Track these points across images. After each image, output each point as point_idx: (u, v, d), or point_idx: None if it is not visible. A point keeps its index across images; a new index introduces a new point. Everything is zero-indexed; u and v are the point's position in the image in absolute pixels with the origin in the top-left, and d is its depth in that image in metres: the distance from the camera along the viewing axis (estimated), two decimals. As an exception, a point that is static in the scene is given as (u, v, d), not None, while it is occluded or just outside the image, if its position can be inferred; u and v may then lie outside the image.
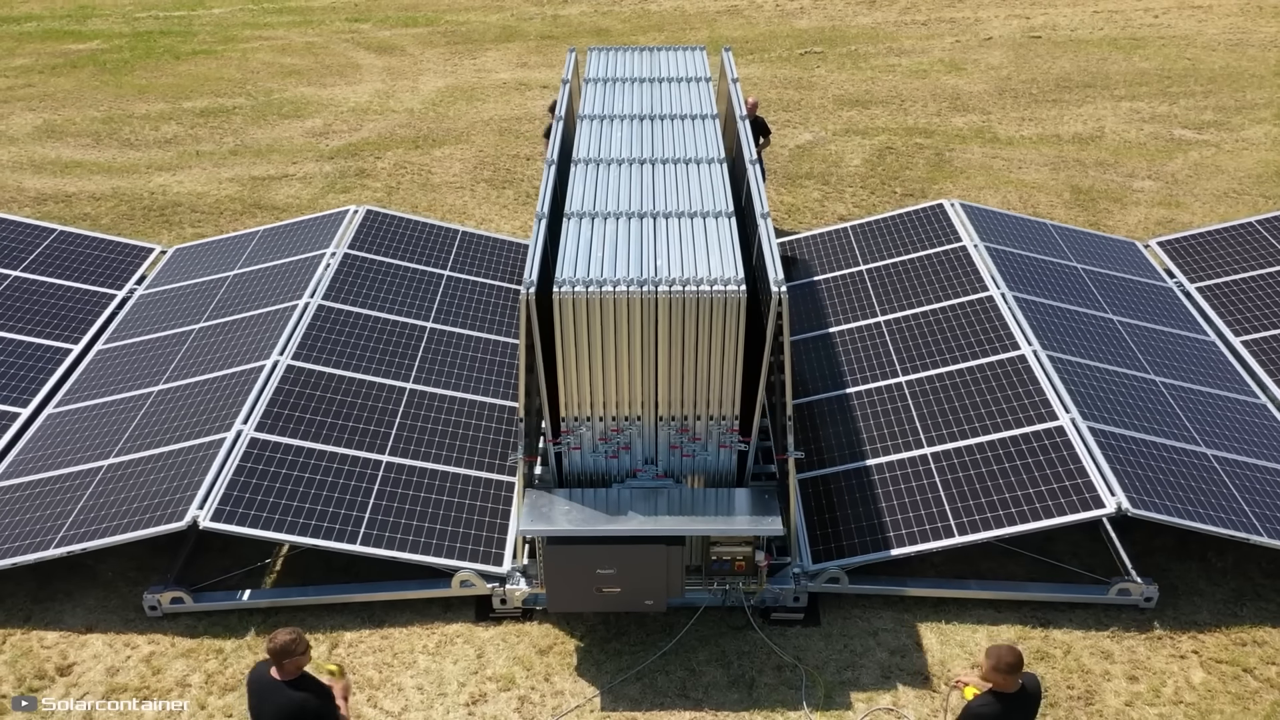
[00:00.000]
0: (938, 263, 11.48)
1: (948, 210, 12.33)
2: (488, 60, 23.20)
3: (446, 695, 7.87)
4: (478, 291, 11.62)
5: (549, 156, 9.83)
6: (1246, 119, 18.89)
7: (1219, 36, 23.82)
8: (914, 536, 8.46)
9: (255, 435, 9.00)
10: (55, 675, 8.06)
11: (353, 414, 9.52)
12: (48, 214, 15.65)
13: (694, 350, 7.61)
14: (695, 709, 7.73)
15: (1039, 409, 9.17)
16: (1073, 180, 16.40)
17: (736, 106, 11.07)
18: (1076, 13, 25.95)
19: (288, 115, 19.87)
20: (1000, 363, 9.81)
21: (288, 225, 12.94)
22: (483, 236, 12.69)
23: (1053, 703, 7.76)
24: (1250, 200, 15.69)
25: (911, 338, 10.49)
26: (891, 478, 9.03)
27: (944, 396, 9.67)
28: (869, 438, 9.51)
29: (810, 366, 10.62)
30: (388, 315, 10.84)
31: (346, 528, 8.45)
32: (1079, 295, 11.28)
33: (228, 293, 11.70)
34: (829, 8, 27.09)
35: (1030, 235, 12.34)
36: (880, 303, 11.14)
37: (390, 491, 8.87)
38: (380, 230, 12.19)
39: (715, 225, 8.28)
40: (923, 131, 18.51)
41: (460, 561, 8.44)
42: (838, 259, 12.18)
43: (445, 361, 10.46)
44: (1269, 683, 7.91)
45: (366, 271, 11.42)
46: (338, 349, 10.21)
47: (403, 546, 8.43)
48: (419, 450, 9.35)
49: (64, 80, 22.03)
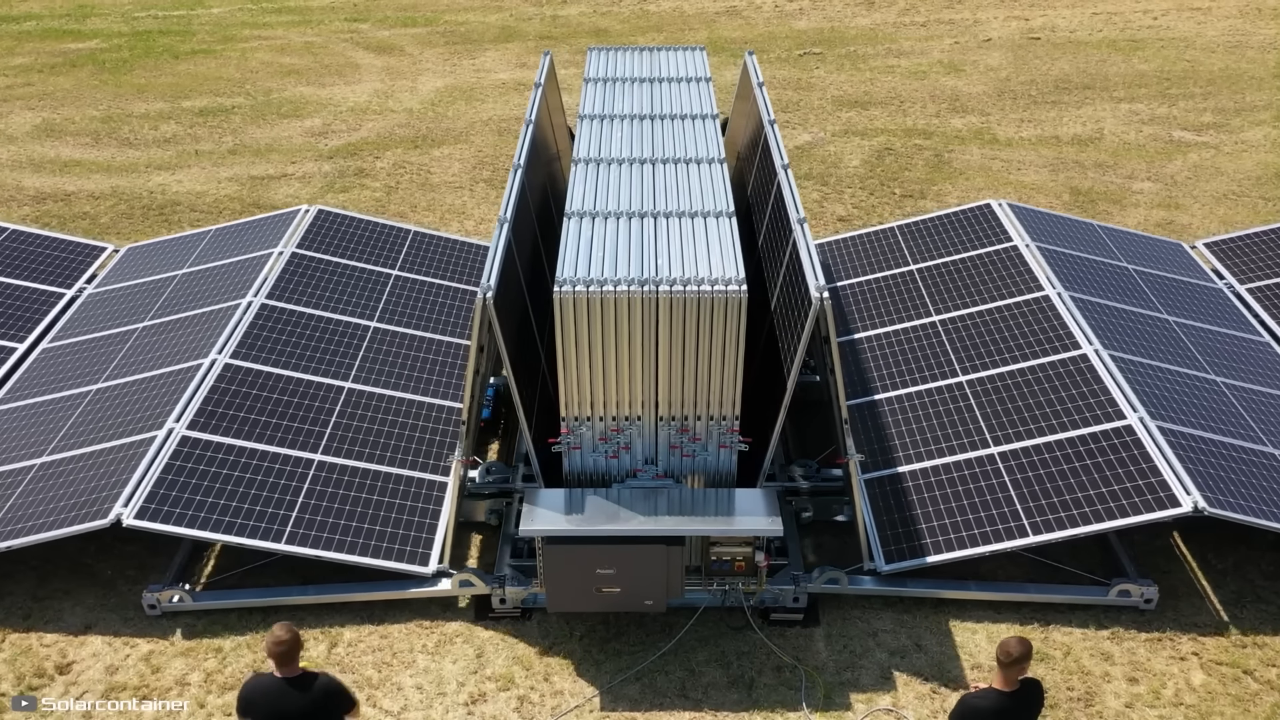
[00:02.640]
0: (989, 262, 11.42)
1: (995, 210, 12.26)
2: (487, 60, 23.20)
3: (446, 695, 7.86)
4: (427, 291, 11.53)
5: (516, 161, 9.83)
6: (1246, 121, 18.90)
7: (1218, 38, 23.84)
8: (987, 536, 8.41)
9: (186, 434, 8.95)
10: (55, 674, 8.05)
11: (288, 413, 9.45)
12: (46, 212, 15.64)
13: (694, 350, 7.60)
14: (695, 709, 7.73)
15: (1105, 408, 9.12)
16: (1072, 182, 16.40)
17: (764, 111, 11.05)
18: (1076, 14, 25.96)
19: (287, 115, 19.86)
20: (1062, 362, 9.75)
21: (239, 225, 12.84)
22: (437, 237, 12.57)
23: (1053, 704, 7.76)
24: (1250, 202, 15.70)
25: (969, 337, 10.44)
26: (960, 477, 8.98)
27: (1006, 396, 9.61)
28: (933, 437, 9.46)
29: (866, 366, 10.56)
30: (331, 314, 10.76)
31: (273, 526, 8.40)
32: (1133, 295, 11.24)
33: (174, 292, 11.62)
34: (828, 9, 27.10)
35: (1079, 235, 12.28)
36: (934, 302, 11.08)
37: (320, 491, 8.81)
38: (331, 230, 12.11)
39: (715, 225, 8.27)
40: (922, 133, 18.52)
41: (385, 561, 8.38)
42: (886, 259, 12.09)
43: (387, 361, 10.39)
44: (1269, 685, 7.91)
45: (313, 271, 11.34)
46: (278, 348, 10.14)
47: (328, 545, 8.38)
48: (353, 450, 9.29)
49: (63, 79, 22.02)
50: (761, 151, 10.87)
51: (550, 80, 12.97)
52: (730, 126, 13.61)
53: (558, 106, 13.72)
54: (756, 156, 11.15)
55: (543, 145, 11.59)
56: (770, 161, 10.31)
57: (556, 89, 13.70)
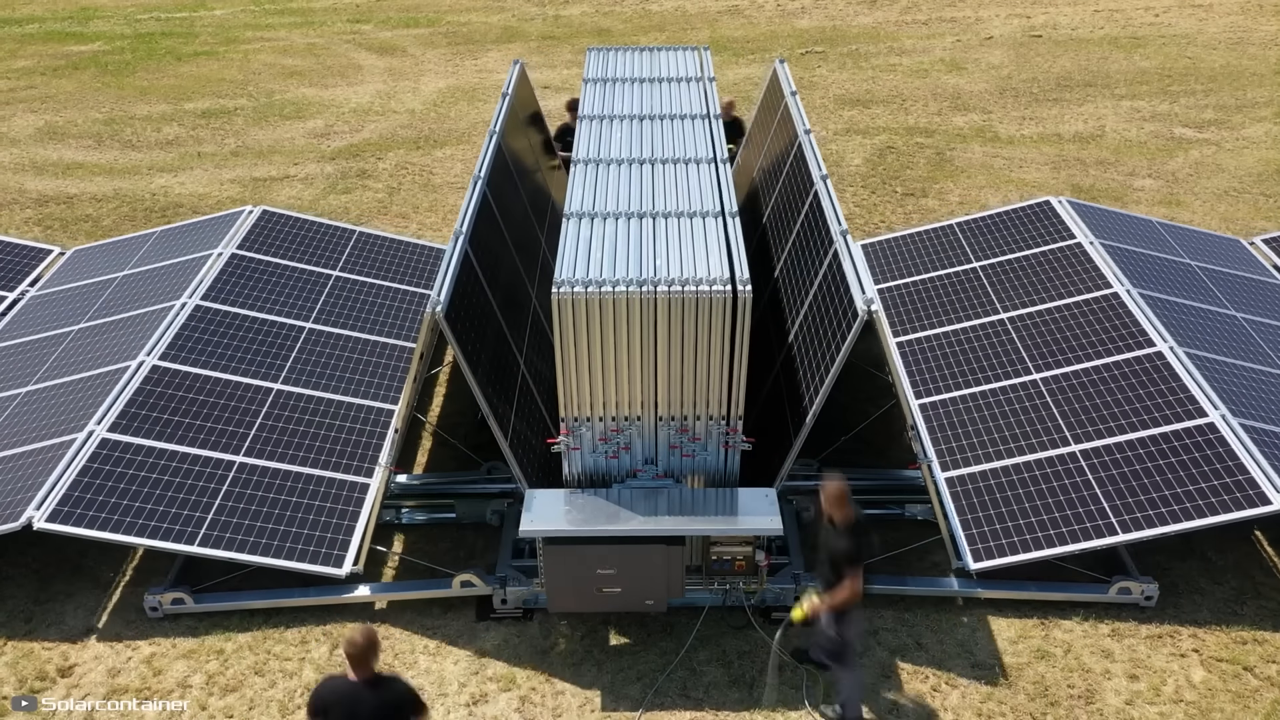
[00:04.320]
0: (1054, 260, 11.37)
1: (1056, 207, 12.20)
2: (489, 61, 23.22)
3: (447, 695, 7.88)
4: (367, 293, 11.46)
5: (476, 173, 9.82)
6: (1247, 117, 18.88)
7: (1219, 35, 23.81)
8: (1075, 534, 8.37)
9: (107, 436, 8.91)
10: (56, 676, 8.07)
11: (212, 414, 9.42)
12: (49, 215, 15.68)
13: (693, 350, 7.61)
14: (696, 709, 7.74)
15: (1184, 405, 9.07)
16: (1073, 179, 16.40)
17: (798, 121, 11.02)
18: (1077, 12, 25.94)
19: (289, 116, 19.89)
20: (1137, 359, 9.71)
21: (183, 226, 12.79)
22: (383, 238, 12.50)
23: (1053, 701, 7.76)
24: (1251, 199, 15.68)
25: (1039, 335, 10.39)
26: (1042, 475, 8.93)
27: (1083, 394, 9.56)
28: (1010, 435, 9.42)
29: (935, 364, 10.53)
30: (265, 315, 10.70)
31: (186, 529, 8.37)
32: (1199, 292, 11.20)
33: (113, 294, 11.56)
34: (830, 7, 27.10)
35: (1139, 232, 12.24)
36: (1000, 300, 11.05)
37: (238, 493, 8.78)
38: (273, 230, 12.06)
39: (715, 225, 8.28)
40: (923, 131, 18.51)
41: (298, 563, 8.36)
42: (946, 256, 12.06)
43: (320, 362, 10.32)
44: (1269, 681, 7.91)
45: (251, 271, 11.29)
46: (208, 349, 10.09)
47: (241, 548, 8.35)
48: (275, 451, 9.25)
49: (66, 82, 22.07)
50: (794, 160, 10.83)
51: (522, 89, 12.87)
52: (751, 132, 13.59)
53: (537, 115, 13.61)
54: (787, 165, 11.11)
55: (516, 156, 11.53)
56: (805, 171, 10.29)
57: (533, 98, 13.59)
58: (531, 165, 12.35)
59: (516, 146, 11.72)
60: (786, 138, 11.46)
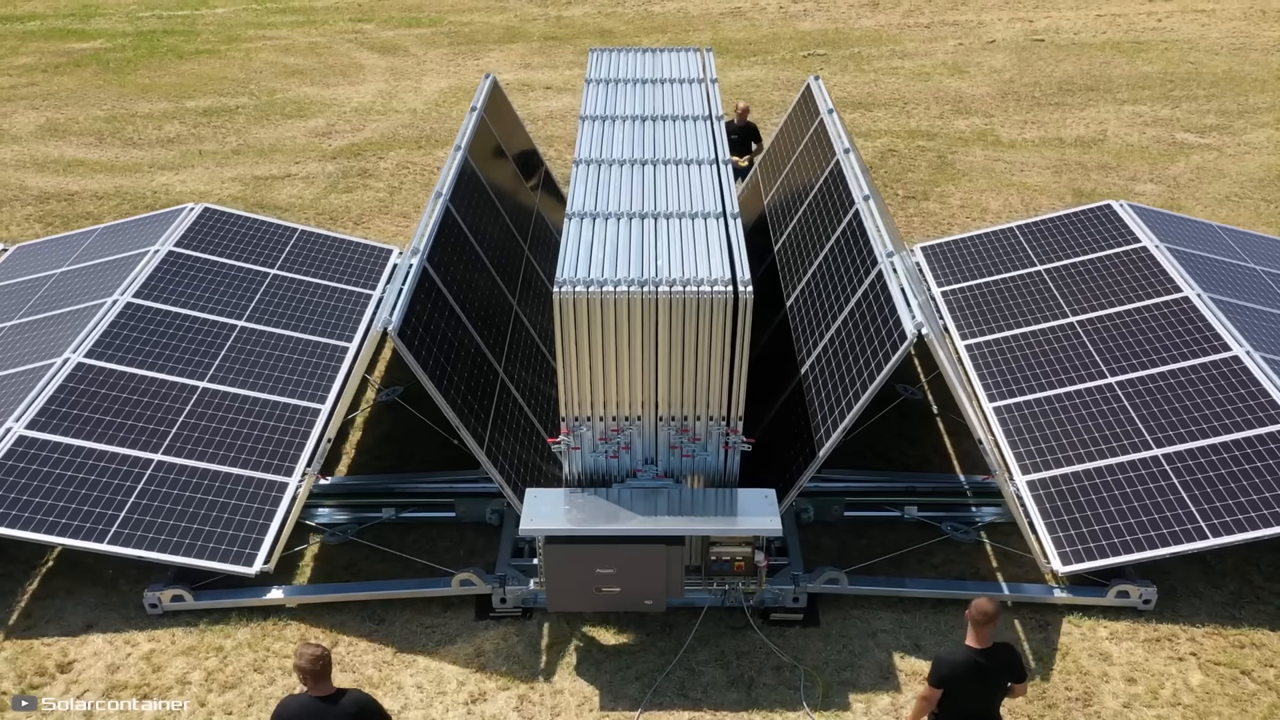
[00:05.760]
0: (1121, 264, 11.34)
1: (1118, 211, 12.19)
2: (491, 61, 23.24)
3: (446, 694, 7.89)
4: (304, 291, 11.39)
5: (437, 188, 9.79)
6: (1249, 123, 18.90)
7: (1222, 40, 23.83)
8: (1165, 538, 8.34)
9: (24, 433, 8.87)
10: (56, 673, 8.08)
11: (134, 412, 9.36)
12: (50, 213, 15.69)
13: (693, 351, 7.62)
14: (695, 709, 7.75)
15: (1266, 410, 9.03)
16: (1075, 183, 16.42)
17: (837, 141, 10.96)
18: (1079, 16, 25.97)
19: (290, 115, 19.91)
20: (1214, 364, 9.66)
21: (124, 223, 12.71)
22: (326, 236, 12.43)
23: (1051, 704, 7.77)
24: (1252, 204, 15.70)
25: (1111, 339, 10.37)
26: (1126, 479, 8.90)
27: (1161, 398, 9.52)
28: (1090, 439, 9.39)
29: (1007, 368, 10.52)
30: (196, 313, 10.63)
31: (97, 526, 8.34)
32: (1267, 296, 11.18)
33: (48, 291, 11.47)
34: (832, 10, 27.13)
35: (1201, 236, 12.21)
36: (1068, 303, 11.03)
37: (155, 491, 8.74)
38: (213, 228, 11.99)
39: (716, 226, 8.29)
40: (925, 134, 18.54)
41: (208, 561, 8.34)
42: (1008, 259, 12.05)
43: (249, 361, 10.27)
44: (1267, 685, 7.92)
45: (186, 269, 11.22)
46: (135, 346, 10.02)
47: (152, 546, 8.32)
48: (195, 449, 9.20)
49: (67, 79, 22.08)
50: (830, 179, 10.77)
51: (496, 104, 12.74)
52: (774, 147, 13.51)
53: (515, 129, 13.42)
54: (819, 183, 11.03)
55: (489, 167, 11.44)
56: (844, 189, 10.24)
57: (510, 112, 13.40)
58: (508, 175, 12.22)
59: (489, 158, 11.62)
60: (820, 156, 11.39)
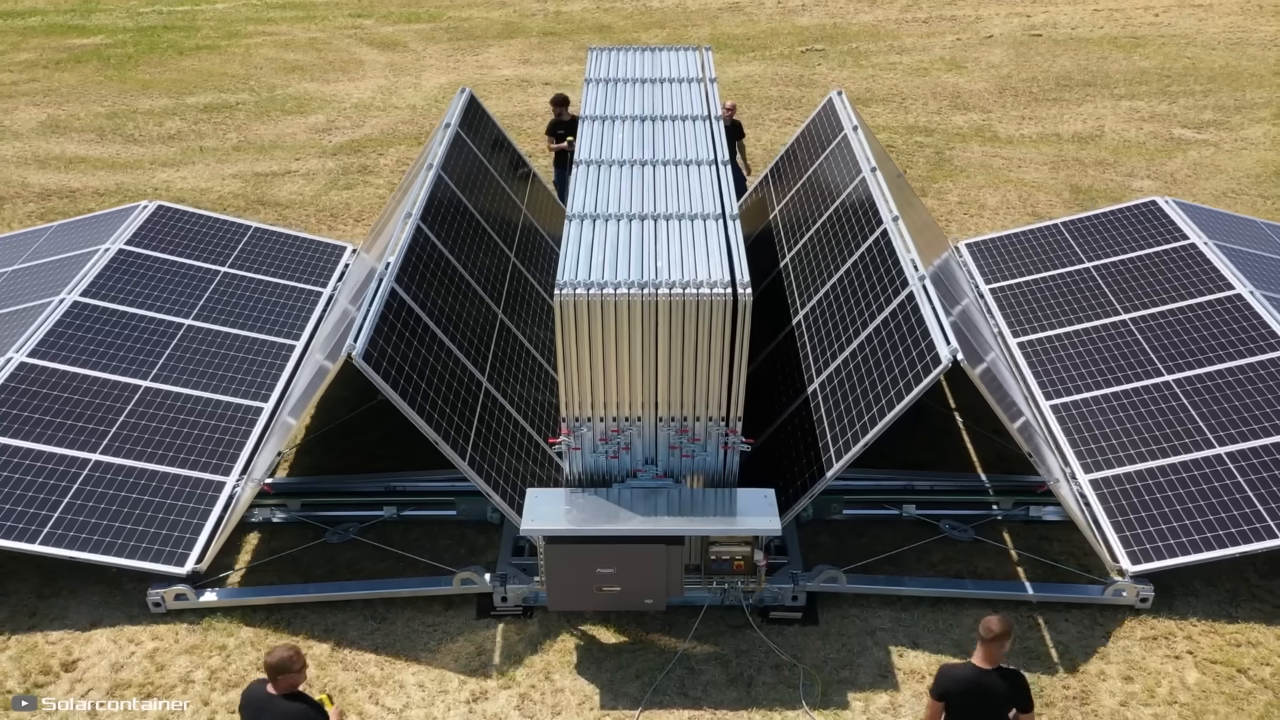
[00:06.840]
0: (1170, 260, 11.31)
1: (1163, 207, 12.16)
2: (490, 57, 23.25)
3: (448, 692, 7.94)
4: (255, 289, 11.40)
5: (407, 209, 9.73)
6: (1246, 118, 18.93)
7: (1219, 35, 23.85)
8: (1233, 537, 8.36)
9: None
10: (60, 671, 8.13)
11: (75, 412, 9.36)
12: (51, 209, 15.72)
13: (693, 352, 7.66)
14: (694, 707, 7.81)
15: None
16: (1072, 179, 16.45)
17: (863, 160, 10.90)
18: (1077, 11, 25.98)
19: (291, 111, 19.93)
20: (1272, 361, 9.66)
21: (79, 220, 12.67)
22: (279, 233, 12.42)
23: (1048, 702, 7.83)
24: (1249, 200, 15.74)
25: (1165, 336, 10.35)
26: (1190, 478, 8.90)
27: (1220, 396, 9.52)
28: (1151, 437, 9.39)
29: (1060, 365, 10.52)
30: (143, 312, 10.62)
31: (30, 527, 8.36)
32: None
33: None
34: (830, 5, 27.12)
35: (1249, 232, 12.20)
36: (1119, 300, 11.02)
37: (90, 491, 8.76)
38: (166, 226, 11.97)
39: (715, 227, 8.33)
40: (923, 130, 18.56)
41: (140, 561, 8.37)
42: (1055, 256, 12.05)
43: (194, 359, 10.27)
44: (1263, 683, 7.98)
45: (136, 267, 11.21)
46: (79, 346, 10.01)
47: (84, 546, 8.35)
48: (134, 449, 9.21)
49: (68, 75, 22.09)
50: (853, 196, 10.72)
51: (473, 117, 12.60)
52: (788, 158, 13.30)
53: (496, 143, 13.20)
54: (838, 200, 10.98)
55: (469, 180, 11.35)
56: (869, 208, 10.21)
57: (490, 125, 13.24)
58: (487, 188, 12.03)
59: (464, 174, 11.49)
60: (841, 172, 11.33)
